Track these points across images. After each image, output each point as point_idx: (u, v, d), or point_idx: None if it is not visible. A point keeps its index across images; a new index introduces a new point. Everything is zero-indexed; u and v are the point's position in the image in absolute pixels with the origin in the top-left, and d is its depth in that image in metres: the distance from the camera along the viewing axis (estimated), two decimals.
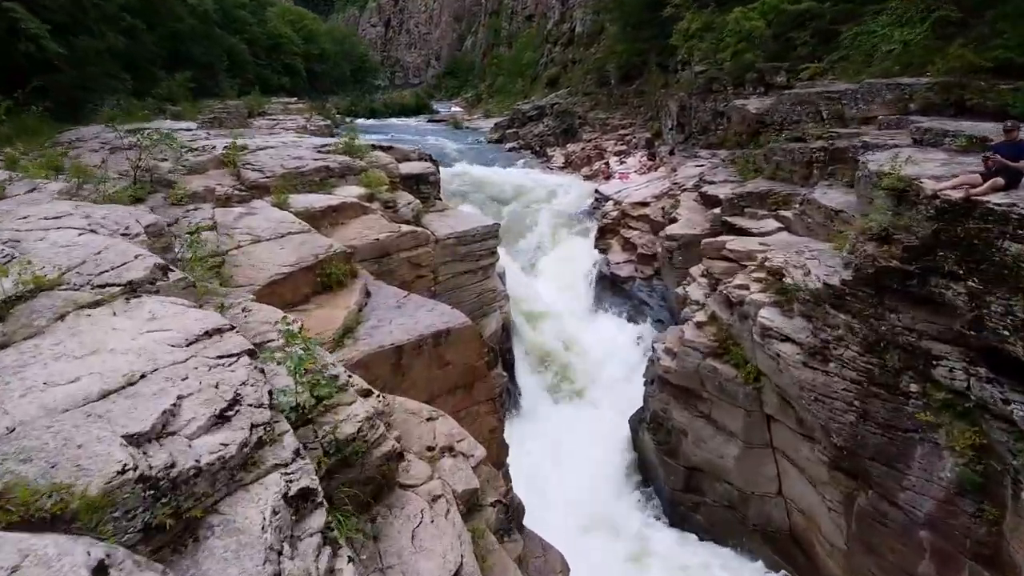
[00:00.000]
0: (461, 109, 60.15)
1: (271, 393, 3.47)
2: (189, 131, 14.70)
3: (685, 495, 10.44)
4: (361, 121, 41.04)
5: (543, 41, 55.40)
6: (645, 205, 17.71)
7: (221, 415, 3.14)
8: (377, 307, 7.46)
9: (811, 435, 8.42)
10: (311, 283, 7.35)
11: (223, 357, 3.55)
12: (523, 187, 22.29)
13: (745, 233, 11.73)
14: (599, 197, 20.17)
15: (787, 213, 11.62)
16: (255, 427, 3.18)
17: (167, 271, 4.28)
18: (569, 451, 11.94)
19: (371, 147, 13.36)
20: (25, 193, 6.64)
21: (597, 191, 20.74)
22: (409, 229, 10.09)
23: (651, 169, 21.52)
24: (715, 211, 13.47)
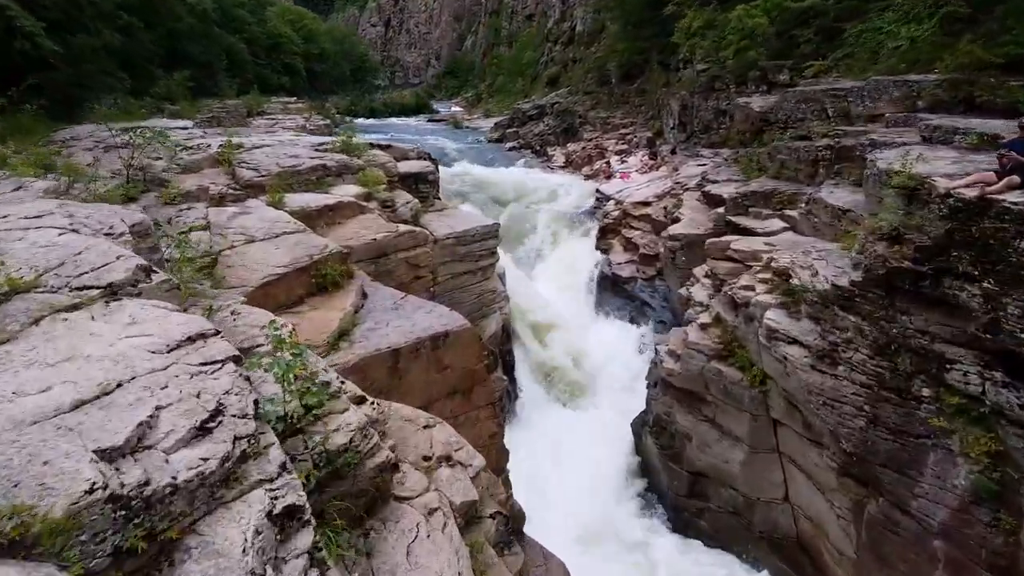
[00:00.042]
0: (461, 109, 59.93)
1: (257, 402, 3.27)
2: (185, 130, 14.52)
3: (689, 501, 10.24)
4: (361, 121, 40.88)
5: (543, 40, 55.19)
6: (647, 205, 17.51)
7: (202, 427, 2.94)
8: (374, 309, 7.27)
9: (819, 440, 8.21)
10: (306, 284, 7.15)
11: (206, 364, 3.35)
12: (523, 187, 22.09)
13: (749, 233, 11.52)
14: (600, 197, 19.96)
15: (793, 212, 11.41)
16: (238, 439, 2.98)
17: (150, 273, 4.08)
18: (570, 454, 11.75)
19: (369, 145, 13.16)
20: (10, 192, 6.44)
21: (598, 191, 20.53)
22: (407, 229, 9.90)
23: (653, 168, 21.32)
24: (719, 210, 13.26)
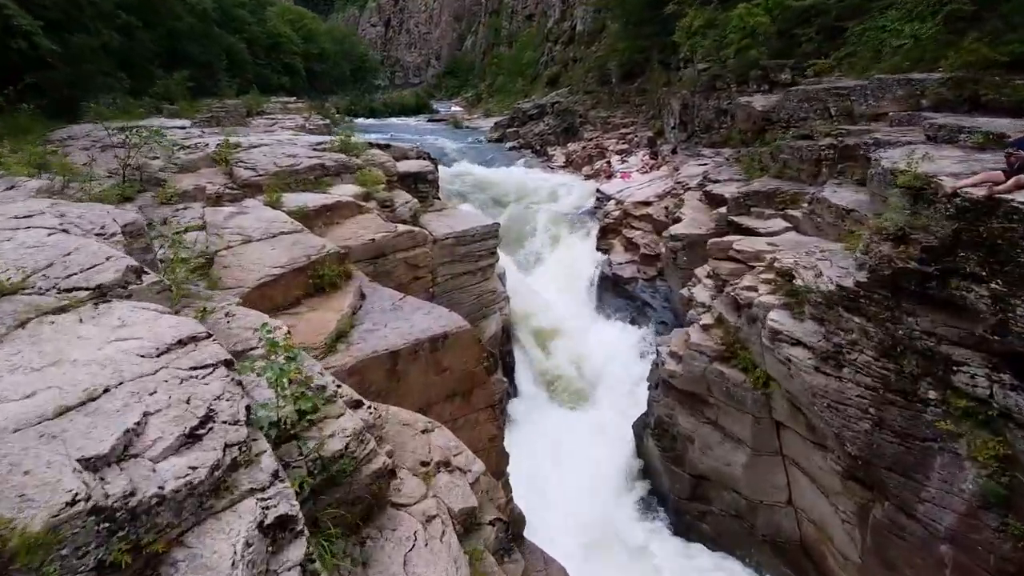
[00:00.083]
0: (461, 109, 59.87)
1: (249, 408, 3.17)
2: (183, 129, 14.43)
3: (691, 504, 10.13)
4: (361, 121, 40.83)
5: (543, 40, 55.12)
6: (648, 204, 17.41)
7: (191, 434, 2.84)
8: (372, 310, 7.18)
9: (823, 443, 8.11)
10: (303, 285, 7.06)
11: (197, 368, 3.24)
12: (524, 187, 22.00)
13: (752, 233, 11.41)
14: (601, 196, 19.86)
15: (795, 212, 11.30)
16: (229, 447, 2.88)
17: (141, 274, 3.98)
18: (570, 456, 11.64)
19: (368, 145, 13.08)
20: (2, 191, 6.35)
21: (599, 190, 20.44)
22: (406, 229, 9.81)
23: (653, 168, 21.22)
24: (720, 210, 13.15)
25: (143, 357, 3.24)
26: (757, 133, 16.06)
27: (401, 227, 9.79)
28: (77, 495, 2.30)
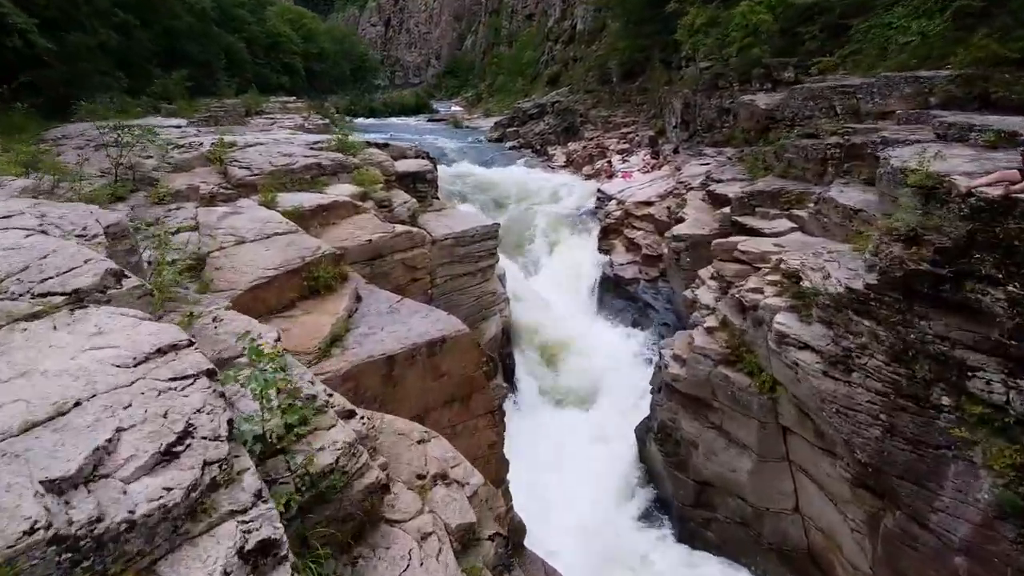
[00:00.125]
0: (461, 108, 59.74)
1: (231, 422, 2.97)
2: (178, 128, 14.23)
3: (695, 510, 9.92)
4: (361, 120, 40.70)
5: (544, 39, 54.92)
6: (649, 204, 17.21)
7: (167, 451, 2.64)
8: (368, 313, 6.98)
9: (832, 450, 7.89)
10: (297, 287, 6.86)
11: (176, 379, 3.04)
12: (524, 187, 21.80)
13: (756, 233, 11.20)
14: (602, 196, 19.65)
15: (801, 212, 11.09)
16: (208, 465, 2.68)
17: (122, 278, 3.78)
18: (572, 461, 11.44)
19: (366, 144, 12.88)
20: None
21: (600, 190, 20.23)
22: (404, 229, 9.61)
23: (655, 168, 21.02)
24: (724, 210, 12.95)
25: (119, 367, 3.04)
26: (760, 132, 15.86)
27: (399, 227, 9.59)
28: (36, 523, 2.11)
